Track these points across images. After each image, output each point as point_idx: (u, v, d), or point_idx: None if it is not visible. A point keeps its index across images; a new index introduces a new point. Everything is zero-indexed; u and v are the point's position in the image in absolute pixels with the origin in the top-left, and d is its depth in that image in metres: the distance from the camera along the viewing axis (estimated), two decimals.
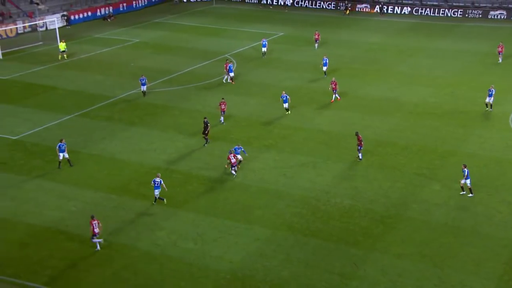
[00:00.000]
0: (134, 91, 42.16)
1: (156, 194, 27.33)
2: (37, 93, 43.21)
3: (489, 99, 38.55)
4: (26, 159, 32.42)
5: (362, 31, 63.17)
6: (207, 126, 33.61)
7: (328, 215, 26.80)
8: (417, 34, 61.41)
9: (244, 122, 37.58)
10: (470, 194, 28.23)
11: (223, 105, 36.89)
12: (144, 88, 41.56)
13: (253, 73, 47.97)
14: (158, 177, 27.34)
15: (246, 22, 67.17)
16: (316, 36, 55.74)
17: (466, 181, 28.02)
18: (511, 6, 68.80)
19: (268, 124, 37.33)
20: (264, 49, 52.34)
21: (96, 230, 23.87)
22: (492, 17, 68.68)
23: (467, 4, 70.71)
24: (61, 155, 30.97)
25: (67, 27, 63.66)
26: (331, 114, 39.03)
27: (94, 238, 24.00)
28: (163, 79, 46.21)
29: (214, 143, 34.01)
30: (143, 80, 41.51)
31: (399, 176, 30.35)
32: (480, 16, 68.94)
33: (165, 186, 27.32)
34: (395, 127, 36.77)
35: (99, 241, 24.15)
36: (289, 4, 75.98)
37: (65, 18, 64.43)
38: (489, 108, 38.90)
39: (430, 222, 26.21)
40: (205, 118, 34.10)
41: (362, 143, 31.86)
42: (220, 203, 27.85)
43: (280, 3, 76.69)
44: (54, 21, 59.82)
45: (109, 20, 68.08)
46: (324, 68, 46.27)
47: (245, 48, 55.76)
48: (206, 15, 71.42)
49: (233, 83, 44.90)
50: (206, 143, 33.91)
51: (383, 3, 72.78)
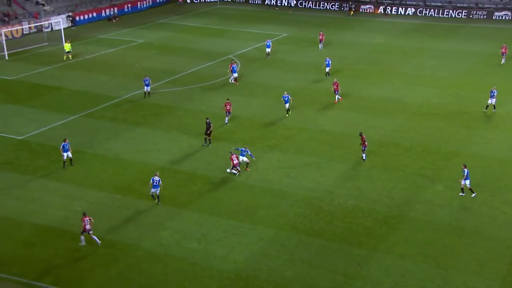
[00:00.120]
0: (138, 92, 42.33)
1: (152, 192, 27.51)
2: (42, 93, 43.44)
3: (491, 100, 38.53)
4: (31, 159, 32.62)
5: (366, 32, 63.19)
6: (210, 126, 33.70)
7: (331, 215, 26.87)
8: (421, 35, 61.39)
9: (248, 122, 37.68)
10: (473, 194, 28.22)
11: (228, 105, 36.99)
12: (148, 88, 41.70)
13: (257, 73, 48.08)
14: (156, 175, 27.53)
15: (250, 23, 67.29)
16: (321, 37, 55.81)
17: (465, 181, 28.05)
18: None
19: (271, 124, 37.42)
20: (268, 49, 52.43)
21: (87, 227, 24.14)
22: (497, 18, 68.56)
23: (471, 5, 70.64)
24: (65, 154, 31.13)
25: (72, 27, 63.93)
26: (334, 114, 39.09)
27: (89, 234, 24.21)
28: (167, 80, 46.37)
29: (218, 143, 34.12)
30: (147, 81, 41.66)
31: (403, 177, 30.39)
32: (484, 17, 68.84)
33: (161, 185, 27.48)
34: (399, 128, 36.81)
35: (83, 238, 24.35)
36: (292, 5, 76.06)
37: (70, 19, 64.71)
38: (490, 109, 38.85)
39: (433, 223, 26.24)
40: (207, 119, 34.19)
41: (366, 143, 31.92)
42: (224, 203, 27.96)
43: (283, 4, 76.77)
44: (60, 22, 60.09)
45: (114, 21, 68.32)
46: (327, 69, 46.33)
47: (249, 48, 55.88)
48: (211, 16, 71.58)
49: (236, 83, 45.02)
50: (205, 143, 33.87)
51: (386, 4, 72.77)
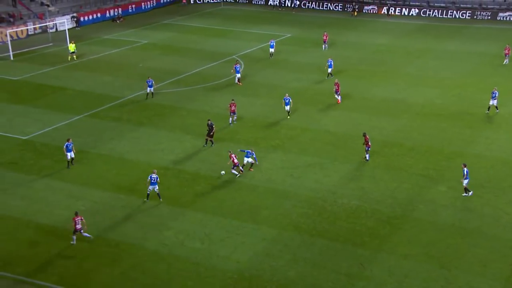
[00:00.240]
0: (142, 92, 42.45)
1: (149, 189, 27.67)
2: (47, 93, 43.62)
3: (492, 101, 38.48)
4: (36, 159, 32.77)
5: (369, 32, 63.19)
6: (212, 128, 33.69)
7: (334, 215, 26.91)
8: (424, 36, 61.35)
9: (251, 122, 37.75)
10: (470, 193, 28.30)
11: (233, 106, 37.02)
12: (151, 89, 41.79)
13: (260, 74, 48.15)
14: (154, 173, 27.70)
15: (253, 23, 67.38)
16: (325, 37, 55.87)
17: (465, 181, 28.09)
18: None
19: (275, 124, 37.48)
20: (272, 50, 52.53)
21: (78, 226, 24.27)
22: (501, 18, 68.44)
23: (474, 6, 70.53)
24: (68, 154, 31.29)
25: (76, 28, 64.15)
26: (338, 115, 39.13)
27: (80, 233, 24.35)
28: (171, 80, 46.50)
29: (221, 143, 34.19)
30: (150, 82, 41.77)
31: (406, 177, 30.41)
32: (489, 17, 68.72)
33: (159, 182, 27.65)
34: (402, 128, 36.81)
35: (74, 238, 24.49)
36: (296, 6, 76.09)
37: (74, 19, 64.93)
38: (493, 110, 38.80)
39: (436, 223, 26.25)
40: (209, 120, 34.19)
41: (370, 143, 31.95)
42: (227, 203, 28.02)
43: (286, 5, 76.77)
44: (64, 22, 60.36)
45: (118, 21, 68.52)
46: (329, 70, 46.32)
47: (252, 49, 55.96)
48: (214, 16, 71.70)
49: (239, 84, 45.11)
50: (206, 144, 33.84)
51: (390, 5, 72.73)
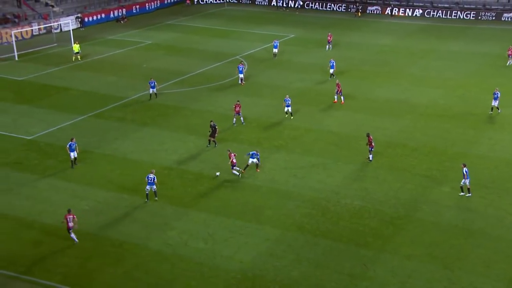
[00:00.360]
0: (146, 92, 42.53)
1: (147, 189, 27.79)
2: (51, 94, 43.78)
3: (494, 102, 38.40)
4: (40, 158, 32.90)
5: (372, 33, 63.16)
6: (215, 129, 33.75)
7: (338, 216, 26.93)
8: (428, 36, 61.29)
9: (255, 123, 37.80)
10: (466, 193, 28.36)
11: (238, 107, 37.04)
12: (153, 90, 41.83)
13: (263, 74, 48.21)
14: (152, 173, 27.83)
15: (257, 24, 67.44)
16: (329, 38, 55.91)
17: (466, 181, 28.09)
18: None
19: (278, 125, 37.52)
20: (275, 50, 52.61)
21: (70, 224, 24.38)
22: (506, 19, 68.28)
23: (478, 6, 70.39)
24: (71, 154, 31.41)
25: (81, 29, 64.34)
26: (341, 115, 39.13)
27: (71, 232, 24.49)
28: (175, 80, 46.60)
29: (224, 143, 34.23)
30: (152, 83, 41.83)
31: (409, 178, 30.40)
32: (493, 18, 68.58)
33: (157, 183, 27.79)
34: (405, 129, 36.80)
35: (73, 237, 24.66)
36: (299, 6, 76.11)
37: (79, 20, 65.13)
38: (496, 110, 38.73)
39: (440, 224, 26.25)
40: (211, 121, 34.25)
41: (373, 144, 31.96)
42: (231, 203, 28.08)
43: (290, 5, 76.78)
44: (69, 23, 60.55)
45: (122, 22, 68.69)
46: (331, 71, 46.28)
47: (256, 49, 56.02)
48: (218, 17, 71.79)
49: (241, 84, 45.18)
50: (209, 145, 33.94)
51: (393, 5, 72.67)
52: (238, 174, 30.28)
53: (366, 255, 24.00)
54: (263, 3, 79.08)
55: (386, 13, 72.50)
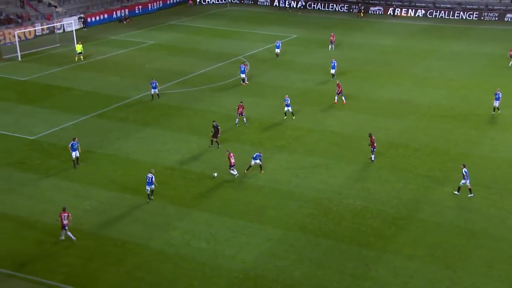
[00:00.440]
0: (149, 93, 42.62)
1: (147, 190, 27.95)
2: (54, 94, 43.88)
3: (496, 102, 38.35)
4: (43, 158, 32.99)
5: (375, 33, 63.15)
6: (218, 129, 33.81)
7: (340, 216, 26.95)
8: (430, 37, 61.26)
9: (257, 123, 37.83)
10: (468, 194, 28.41)
11: (241, 108, 37.04)
12: (155, 91, 41.85)
13: (266, 74, 48.25)
14: (151, 173, 27.91)
15: (259, 24, 67.48)
16: (332, 38, 55.94)
17: (466, 181, 28.11)
18: None
19: (280, 125, 37.55)
20: (278, 50, 52.67)
21: (65, 222, 24.47)
22: (508, 19, 68.19)
23: (481, 7, 70.30)
24: (73, 153, 31.51)
25: (83, 29, 64.48)
26: (343, 115, 39.14)
27: (64, 230, 24.60)
28: (177, 81, 46.67)
29: (227, 144, 34.26)
30: (154, 83, 41.88)
31: (411, 178, 30.40)
32: (496, 18, 68.51)
33: (155, 182, 27.89)
34: (408, 129, 36.80)
35: (63, 233, 24.74)
36: (301, 7, 76.14)
37: (82, 20, 65.27)
38: (496, 111, 38.69)
39: (442, 224, 26.24)
40: (214, 122, 34.31)
41: (375, 144, 31.97)
42: (233, 203, 28.12)
43: (292, 6, 76.76)
44: (71, 23, 60.72)
45: (124, 22, 68.81)
46: (332, 71, 46.24)
47: (259, 50, 56.06)
48: (220, 17, 71.85)
49: (243, 84, 45.23)
50: (211, 145, 33.97)
51: (396, 6, 72.62)
52: (235, 174, 30.27)
53: (368, 255, 24.01)
54: (265, 4, 79.15)
55: (388, 13, 72.47)
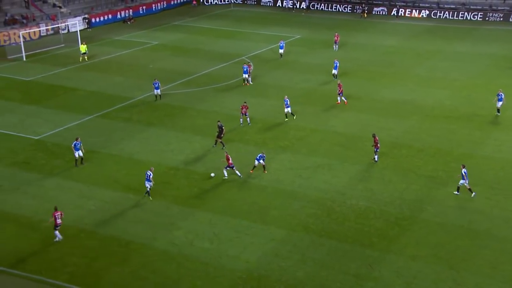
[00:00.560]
0: (152, 93, 42.71)
1: (147, 186, 28.13)
2: (58, 94, 44.04)
3: (498, 103, 38.26)
4: (47, 158, 33.13)
5: (378, 34, 63.11)
6: (222, 130, 33.85)
7: (343, 216, 26.98)
8: (434, 37, 61.17)
9: (260, 123, 37.88)
10: (457, 192, 28.48)
11: (244, 108, 37.08)
12: (158, 91, 41.95)
13: (269, 75, 48.29)
14: (150, 170, 28.14)
15: (263, 24, 67.50)
16: (336, 38, 55.95)
17: (465, 181, 28.10)
18: None
19: (283, 125, 37.58)
20: (281, 50, 52.72)
21: (58, 221, 24.65)
22: None
23: (485, 8, 70.13)
24: (76, 153, 31.64)
25: (88, 29, 64.64)
26: (346, 116, 39.16)
27: (57, 230, 24.75)
28: (181, 81, 46.76)
29: (231, 144, 34.36)
30: (156, 84, 41.97)
31: (415, 178, 30.40)
32: (501, 19, 68.30)
33: (152, 181, 28.09)
34: (411, 130, 36.79)
35: (57, 234, 24.90)
36: (305, 7, 76.14)
37: (86, 20, 65.44)
38: (502, 112, 38.60)
39: (445, 225, 26.24)
40: (218, 122, 34.39)
41: (379, 145, 31.98)
42: (237, 203, 28.18)
43: (295, 6, 76.76)
44: (76, 23, 60.92)
45: (129, 22, 68.96)
46: (335, 72, 46.20)
47: (262, 50, 56.10)
48: (224, 18, 71.92)
49: (244, 84, 45.30)
50: (215, 145, 34.05)
51: (399, 6, 72.53)
52: (226, 175, 30.26)
53: (371, 255, 24.04)
54: (268, 4, 79.18)
55: (392, 14, 72.36)
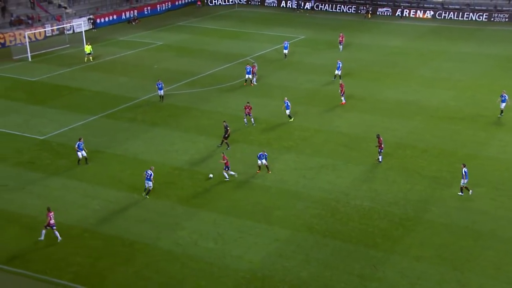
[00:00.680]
0: (156, 93, 42.81)
1: (146, 186, 28.26)
2: (63, 94, 44.20)
3: (502, 104, 38.16)
4: (52, 158, 33.25)
5: (383, 34, 63.05)
6: (227, 130, 33.92)
7: (347, 216, 26.98)
8: (438, 38, 61.07)
9: (264, 123, 37.91)
10: (470, 192, 28.51)
11: (248, 108, 37.15)
12: (161, 92, 42.00)
13: (274, 75, 48.32)
14: (150, 169, 28.19)
15: (267, 25, 67.55)
16: (340, 38, 55.93)
17: (464, 181, 28.07)
18: None
19: (287, 125, 37.60)
20: (286, 51, 52.77)
21: (52, 222, 24.88)
22: None
23: (489, 8, 69.94)
24: (79, 153, 31.78)
25: (93, 30, 64.83)
26: (351, 116, 39.14)
27: (47, 229, 24.98)
28: (185, 81, 46.85)
29: (235, 144, 34.41)
30: (160, 84, 42.01)
31: (419, 179, 30.37)
32: (506, 20, 68.10)
33: (152, 180, 28.19)
34: (415, 130, 36.75)
35: (56, 233, 25.09)
36: (309, 8, 76.15)
37: (91, 21, 65.64)
38: (506, 113, 38.48)
39: (449, 225, 26.21)
40: (224, 122, 34.46)
41: (383, 145, 31.97)
42: (241, 203, 28.22)
43: (300, 7, 76.78)
44: (81, 24, 61.09)
45: (133, 23, 69.14)
46: (338, 72, 46.09)
47: (267, 50, 56.14)
48: (228, 18, 72.00)
49: (245, 84, 45.37)
50: (220, 145, 34.11)
51: (404, 7, 72.41)
52: (227, 177, 30.29)
53: (375, 256, 24.03)
54: (272, 5, 79.22)
55: (396, 14, 72.26)
